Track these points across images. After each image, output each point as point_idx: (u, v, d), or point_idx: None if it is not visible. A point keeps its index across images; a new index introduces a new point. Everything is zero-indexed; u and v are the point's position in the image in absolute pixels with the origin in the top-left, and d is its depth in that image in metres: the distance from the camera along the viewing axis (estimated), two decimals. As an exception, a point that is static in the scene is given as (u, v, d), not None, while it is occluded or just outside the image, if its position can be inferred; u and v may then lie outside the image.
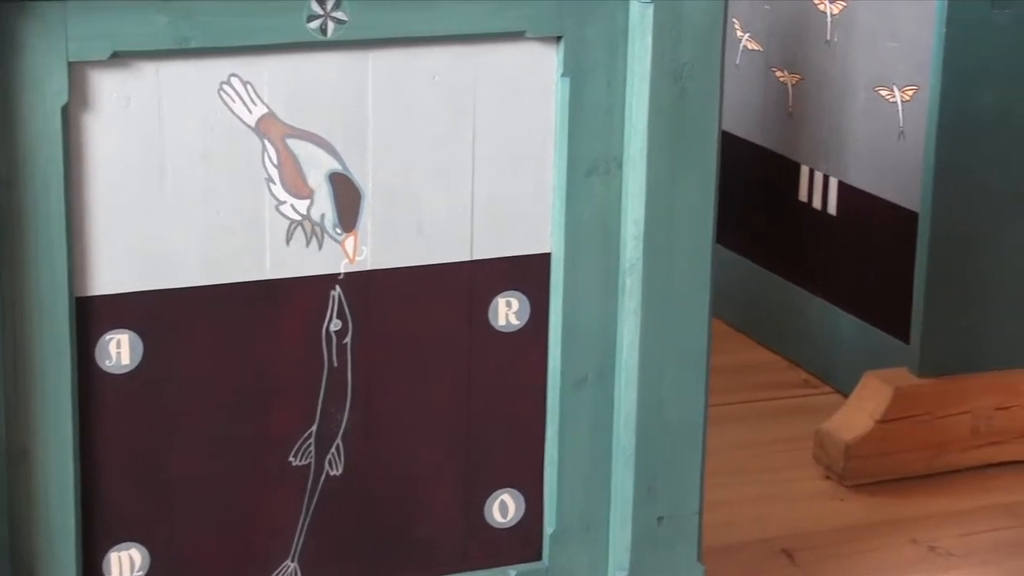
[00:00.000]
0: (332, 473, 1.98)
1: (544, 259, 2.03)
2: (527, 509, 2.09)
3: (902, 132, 2.93)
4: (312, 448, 1.96)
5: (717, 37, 1.98)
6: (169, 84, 1.83)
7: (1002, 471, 2.87)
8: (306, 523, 1.98)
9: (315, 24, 1.85)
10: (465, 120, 1.96)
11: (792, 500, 2.78)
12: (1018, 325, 2.89)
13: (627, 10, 1.97)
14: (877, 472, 2.83)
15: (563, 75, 1.97)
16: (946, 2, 2.74)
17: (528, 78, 1.97)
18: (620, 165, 2.01)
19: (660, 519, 2.09)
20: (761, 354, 3.33)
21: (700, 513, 2.12)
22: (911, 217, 2.89)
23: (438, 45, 1.92)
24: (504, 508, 2.08)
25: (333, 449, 1.97)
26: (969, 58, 2.76)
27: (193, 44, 1.81)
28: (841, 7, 3.07)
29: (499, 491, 2.07)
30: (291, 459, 1.96)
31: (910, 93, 2.91)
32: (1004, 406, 2.87)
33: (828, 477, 2.84)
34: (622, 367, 2.05)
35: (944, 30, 2.75)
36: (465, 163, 1.96)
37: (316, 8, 1.85)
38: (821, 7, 3.12)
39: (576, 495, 2.08)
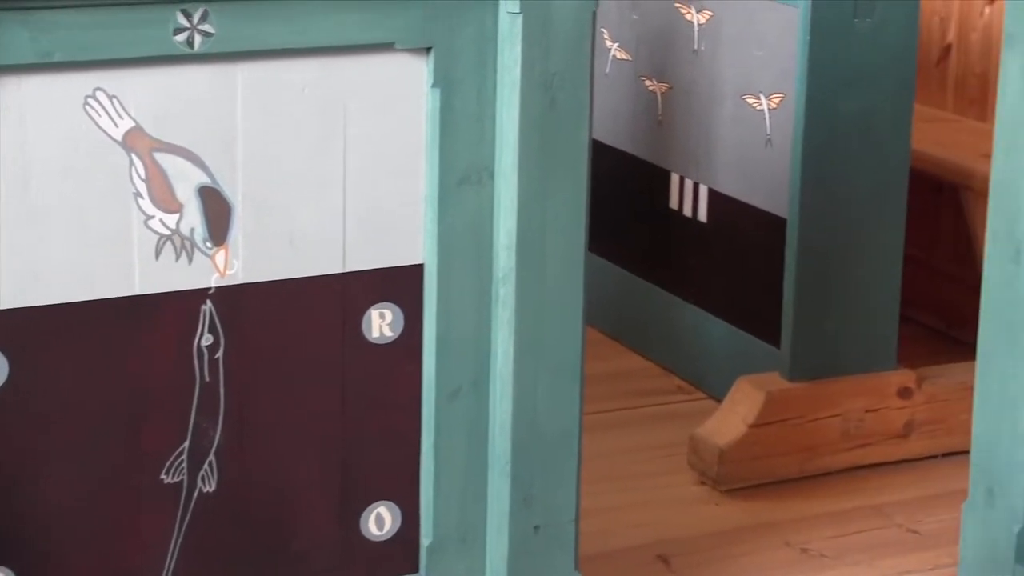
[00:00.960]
0: (205, 490, 1.96)
1: (417, 270, 2.02)
2: (403, 521, 2.08)
3: (769, 139, 2.97)
4: (184, 465, 1.94)
5: (586, 46, 1.99)
6: (32, 99, 1.80)
7: (872, 472, 2.91)
8: (179, 541, 1.96)
9: (182, 37, 1.84)
10: (336, 132, 1.95)
11: (667, 506, 2.80)
12: (885, 328, 2.93)
13: (496, 20, 1.97)
14: (750, 476, 2.86)
15: (433, 86, 1.97)
16: (810, 11, 2.78)
17: (398, 89, 1.97)
18: (492, 175, 2.01)
19: (537, 528, 2.09)
20: (635, 361, 3.35)
21: (576, 521, 2.13)
22: (779, 223, 2.93)
23: (307, 57, 1.91)
24: (380, 521, 2.07)
25: (206, 465, 1.95)
26: (833, 66, 2.80)
27: (56, 58, 1.78)
28: (708, 16, 3.10)
29: (375, 504, 2.06)
30: (163, 476, 1.94)
31: (776, 101, 2.94)
32: (873, 408, 2.91)
33: (702, 482, 2.87)
34: (497, 377, 2.06)
35: (808, 38, 2.79)
36: (336, 175, 1.96)
37: (182, 21, 1.83)
38: (688, 16, 3.15)
39: (452, 506, 2.08)
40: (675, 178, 3.24)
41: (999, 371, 2.33)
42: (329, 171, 1.95)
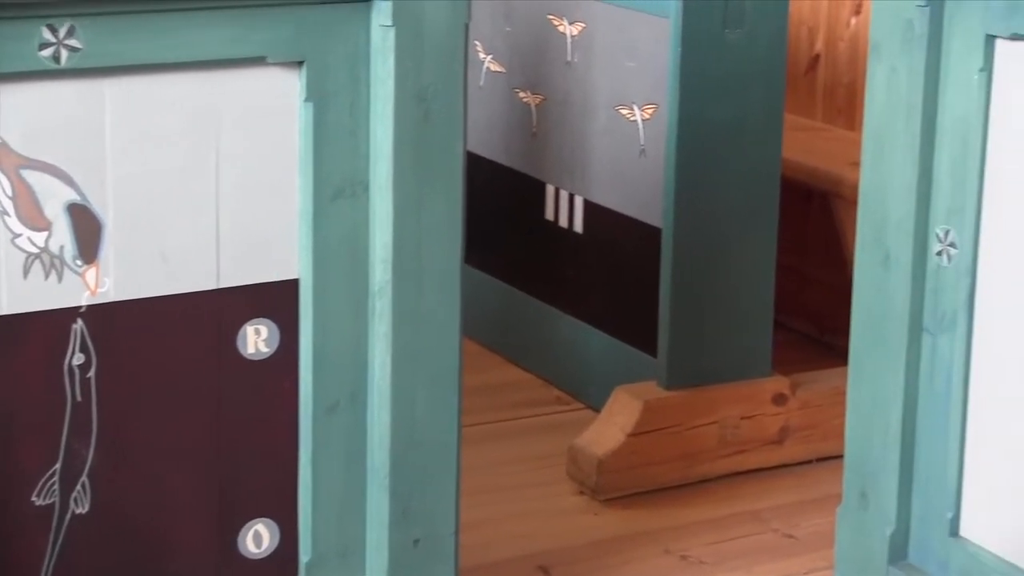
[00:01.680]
0: (78, 511, 1.93)
1: (292, 285, 2.01)
2: (282, 538, 2.06)
3: (643, 150, 2.99)
4: (56, 486, 1.91)
5: (459, 59, 1.99)
6: None
7: (749, 479, 2.94)
8: (52, 564, 1.93)
9: (47, 52, 1.81)
10: (208, 147, 1.93)
11: (547, 516, 2.81)
12: (759, 335, 2.96)
13: (368, 33, 1.97)
14: (629, 485, 2.87)
15: (306, 100, 1.96)
16: (681, 22, 2.80)
17: (271, 103, 1.96)
18: (367, 188, 2.01)
19: (416, 541, 2.09)
20: (513, 373, 3.36)
21: (456, 533, 2.12)
22: (654, 233, 2.95)
23: (178, 72, 1.90)
24: (258, 538, 2.05)
25: (79, 487, 1.92)
26: (704, 76, 2.83)
27: (-80, 74, 1.75)
28: (580, 28, 3.12)
29: (253, 521, 2.05)
30: (34, 499, 1.91)
31: (649, 111, 2.96)
32: (749, 415, 2.94)
33: (582, 492, 2.88)
34: (374, 390, 2.05)
35: (680, 49, 2.81)
36: (209, 190, 1.94)
37: (48, 36, 1.81)
38: (561, 28, 3.16)
39: (331, 521, 2.06)
40: (550, 189, 3.25)
41: (870, 376, 2.36)
42: (202, 186, 1.93)
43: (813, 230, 3.50)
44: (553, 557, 2.67)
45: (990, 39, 2.15)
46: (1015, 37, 2.12)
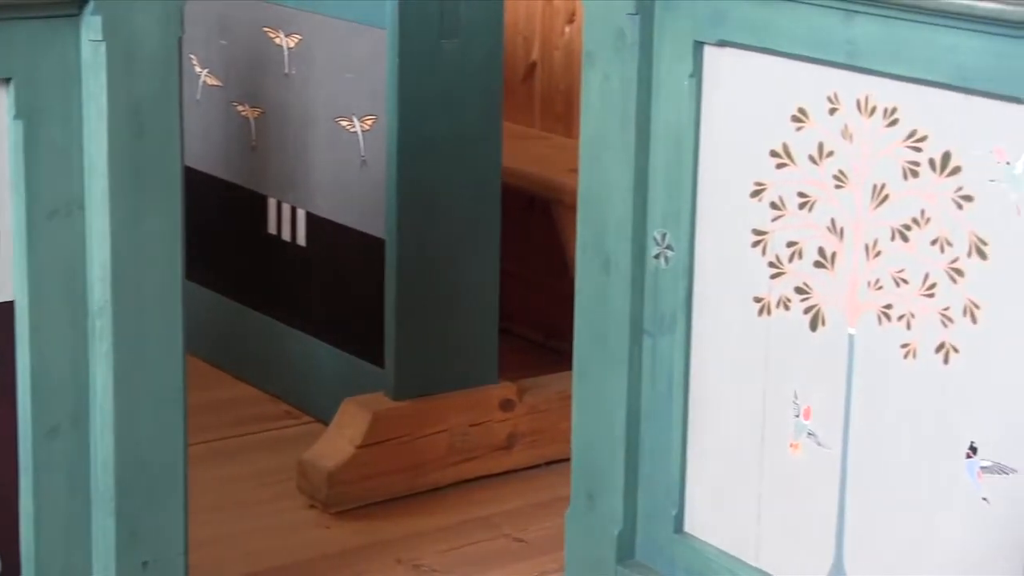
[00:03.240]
0: None
1: (8, 308, 1.96)
2: (4, 569, 2.01)
3: (364, 161, 2.99)
4: None
5: (173, 73, 1.97)
6: None
7: (479, 485, 2.96)
8: None
9: None
10: (-88, 167, 1.87)
11: (278, 532, 2.78)
12: (486, 343, 2.99)
13: (79, 48, 1.93)
14: (360, 497, 2.87)
15: (15, 117, 1.91)
16: (397, 33, 2.81)
17: (-22, 121, 1.90)
18: (82, 206, 1.97)
19: (145, 563, 2.05)
20: (240, 389, 3.32)
21: (185, 554, 2.09)
22: (378, 244, 2.95)
23: None
24: (-21, 569, 1.99)
25: None
26: (422, 87, 2.84)
27: None
28: (297, 40, 3.10)
29: (-28, 552, 1.99)
30: None
31: (369, 122, 2.96)
32: (477, 422, 2.97)
33: (313, 506, 2.86)
34: (97, 412, 2.01)
35: (397, 60, 2.82)
36: (-85, 212, 1.88)
37: None
38: (277, 41, 3.14)
39: (56, 548, 2.01)
40: (272, 203, 3.23)
41: (594, 379, 2.40)
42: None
43: (536, 237, 3.54)
44: (285, 573, 2.65)
45: (698, 45, 2.21)
46: (722, 43, 2.19)
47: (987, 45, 1.87)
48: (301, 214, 3.16)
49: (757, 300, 2.21)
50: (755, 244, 2.20)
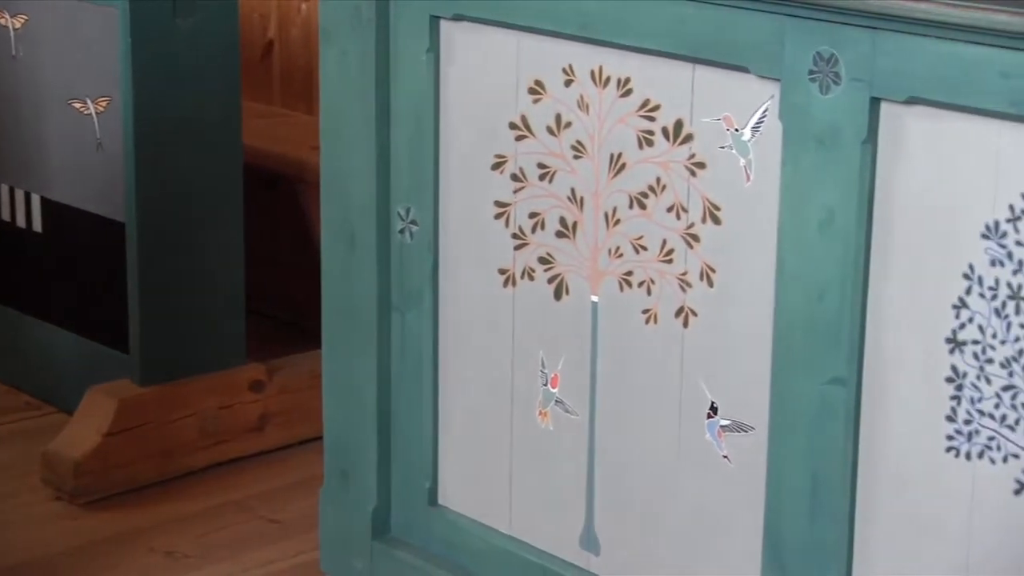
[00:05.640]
0: None
1: None
2: None
3: (100, 144, 2.92)
4: None
5: None
6: None
7: (232, 468, 2.93)
8: None
9: None
10: None
11: (23, 526, 2.71)
12: (233, 324, 2.96)
13: None
14: (110, 486, 2.82)
15: None
16: (128, 11, 2.76)
17: None
18: None
19: None
20: (-21, 382, 3.24)
21: (-75, 555, 2.03)
22: (118, 228, 2.89)
23: None
24: None
25: None
26: (158, 66, 2.79)
27: None
28: (23, 21, 3.01)
29: None
30: None
31: (103, 104, 2.90)
32: (227, 405, 2.93)
33: (59, 497, 2.80)
34: None
35: (129, 39, 2.76)
36: None
37: None
38: (2, 21, 3.05)
39: None
40: (4, 189, 3.14)
41: (344, 357, 2.39)
42: None
43: (282, 216, 3.51)
44: (32, 569, 2.59)
45: (434, 20, 2.21)
46: (458, 17, 2.19)
47: (713, 15, 1.91)
48: (36, 200, 3.08)
49: (502, 272, 2.22)
50: (498, 216, 2.21)
